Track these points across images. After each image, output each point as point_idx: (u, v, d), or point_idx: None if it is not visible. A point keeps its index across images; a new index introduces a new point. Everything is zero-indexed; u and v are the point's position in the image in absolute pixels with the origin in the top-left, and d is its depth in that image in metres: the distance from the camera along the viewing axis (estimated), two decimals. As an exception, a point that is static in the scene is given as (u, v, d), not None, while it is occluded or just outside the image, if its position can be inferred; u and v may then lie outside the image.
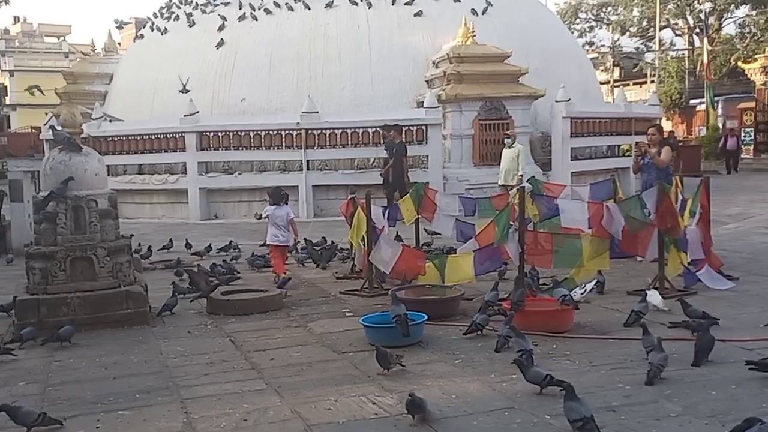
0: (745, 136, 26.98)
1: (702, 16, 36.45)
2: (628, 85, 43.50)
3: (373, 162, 15.97)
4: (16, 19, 57.41)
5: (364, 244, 8.07)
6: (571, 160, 17.21)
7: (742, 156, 25.91)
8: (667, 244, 7.37)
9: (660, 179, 8.15)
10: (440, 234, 9.94)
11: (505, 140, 14.16)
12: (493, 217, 7.57)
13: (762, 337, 5.65)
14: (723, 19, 40.51)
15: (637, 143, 10.34)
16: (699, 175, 20.16)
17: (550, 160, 17.14)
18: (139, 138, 17.26)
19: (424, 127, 15.84)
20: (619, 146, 18.52)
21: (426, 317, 6.00)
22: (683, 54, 40.30)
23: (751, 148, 27.22)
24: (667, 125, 32.24)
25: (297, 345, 6.01)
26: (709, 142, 27.19)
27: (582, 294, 6.99)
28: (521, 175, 13.25)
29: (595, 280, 7.32)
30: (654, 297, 6.60)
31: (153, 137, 17.05)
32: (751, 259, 9.24)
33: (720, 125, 29.59)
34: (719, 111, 31.63)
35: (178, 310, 7.22)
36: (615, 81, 42.62)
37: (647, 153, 9.43)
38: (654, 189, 7.33)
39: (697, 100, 34.84)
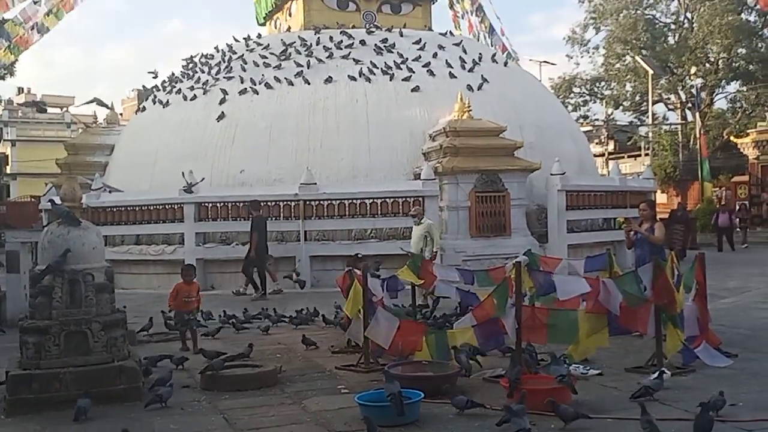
0: (739, 209, 27.13)
1: (693, 91, 37.21)
2: (623, 157, 44.12)
3: (371, 233, 16.07)
4: (21, 90, 58.39)
5: (360, 316, 8.03)
6: (568, 232, 17.30)
7: (738, 229, 25.78)
8: (665, 321, 7.35)
9: (654, 254, 8.19)
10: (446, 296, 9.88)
11: (412, 218, 13.56)
12: (491, 291, 7.57)
13: (762, 417, 5.57)
14: (714, 94, 41.38)
15: (626, 219, 10.41)
16: (696, 248, 20.36)
17: (546, 232, 17.23)
18: (137, 208, 17.37)
19: (421, 199, 15.97)
20: (614, 219, 18.65)
21: (422, 395, 5.93)
22: (676, 128, 40.97)
23: (747, 221, 27.34)
24: (661, 198, 32.51)
25: (291, 423, 5.91)
26: (704, 216, 27.36)
27: (584, 373, 6.93)
28: (436, 252, 12.97)
29: None
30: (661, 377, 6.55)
31: (152, 208, 17.17)
32: (750, 335, 9.19)
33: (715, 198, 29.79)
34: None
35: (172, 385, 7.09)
36: (609, 154, 43.18)
37: (636, 231, 9.51)
38: (650, 265, 7.36)
39: None
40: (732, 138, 35.14)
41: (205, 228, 16.56)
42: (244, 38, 22.18)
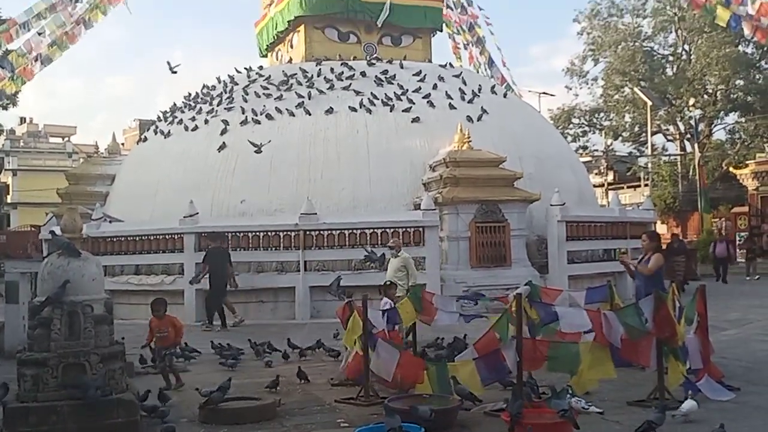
0: (739, 241, 27.10)
1: (692, 122, 37.43)
2: (622, 188, 44.21)
3: (371, 263, 16.01)
4: (23, 120, 58.77)
5: (357, 347, 7.98)
6: (568, 263, 17.27)
7: (738, 260, 25.63)
8: (666, 353, 7.30)
9: (651, 285, 8.19)
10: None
11: (390, 251, 13.15)
12: (492, 323, 7.53)
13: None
14: (713, 125, 41.60)
15: (626, 250, 10.38)
16: (697, 279, 20.31)
17: (546, 263, 17.20)
18: (137, 238, 17.36)
19: (421, 229, 16.00)
20: (615, 250, 18.61)
21: (422, 430, 5.87)
22: (676, 159, 41.13)
23: (745, 252, 27.31)
24: (661, 229, 32.51)
25: (290, 457, 5.84)
26: (705, 247, 27.35)
27: (585, 408, 6.87)
28: (411, 286, 12.65)
29: None
30: (689, 405, 6.52)
31: (152, 238, 17.15)
32: (751, 367, 9.13)
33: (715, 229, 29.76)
34: None
35: (170, 419, 7.04)
36: (609, 184, 43.27)
37: (625, 263, 9.57)
38: (650, 297, 7.34)
39: None
40: (731, 169, 35.28)
41: (204, 258, 16.52)
42: (245, 69, 22.39)
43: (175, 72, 20.45)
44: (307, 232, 16.10)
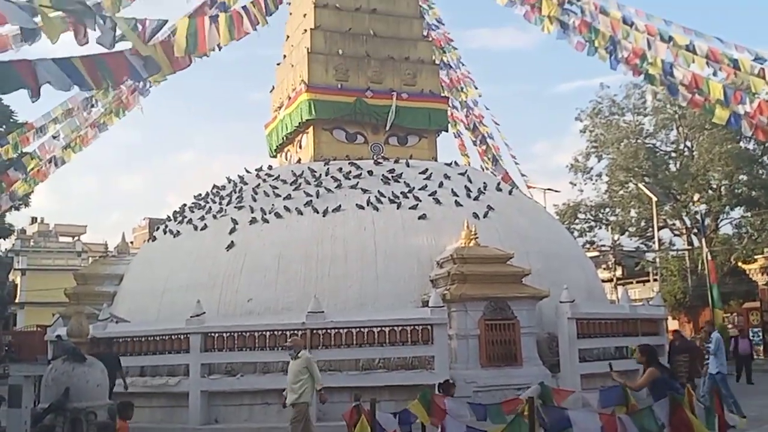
0: (753, 337, 26.65)
1: (698, 217, 37.60)
2: (632, 283, 43.97)
3: (379, 363, 15.79)
4: (34, 220, 59.52)
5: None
6: (580, 361, 16.96)
7: (755, 357, 24.93)
8: (685, 458, 7.07)
9: (655, 397, 8.06)
10: None
11: (288, 351, 12.40)
12: (504, 428, 7.34)
13: None
14: (719, 219, 41.77)
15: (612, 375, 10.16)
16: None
17: (558, 361, 16.90)
18: (143, 339, 17.23)
19: (429, 327, 15.81)
20: (627, 347, 18.32)
21: None
22: (684, 253, 41.07)
23: (761, 348, 26.83)
24: (673, 325, 32.09)
25: None
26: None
27: None
28: (321, 389, 11.97)
29: None
30: None
31: (158, 338, 17.02)
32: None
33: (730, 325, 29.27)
34: None
35: None
36: (618, 279, 43.08)
37: (614, 379, 9.46)
38: (665, 400, 7.18)
39: None
40: (740, 264, 35.14)
41: (211, 359, 16.35)
42: (255, 169, 22.82)
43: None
44: (314, 331, 15.94)
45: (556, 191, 74.45)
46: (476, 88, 29.66)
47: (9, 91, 11.86)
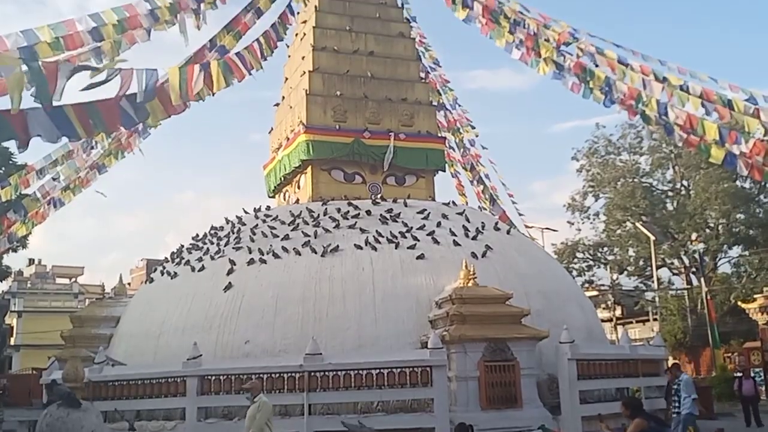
0: (755, 376, 26.40)
1: (696, 256, 37.59)
2: (631, 322, 43.85)
3: (377, 405, 15.58)
4: (31, 261, 59.34)
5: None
6: (581, 403, 16.75)
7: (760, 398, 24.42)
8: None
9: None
10: None
11: (244, 393, 12.09)
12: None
13: None
14: (717, 258, 41.76)
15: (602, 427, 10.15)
16: (713, 418, 19.43)
17: (558, 403, 16.69)
18: (140, 382, 17.02)
19: (428, 369, 15.62)
20: (628, 389, 18.12)
21: None
22: (683, 293, 40.97)
23: (762, 389, 26.55)
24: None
25: None
26: (720, 383, 26.60)
27: None
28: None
29: None
30: None
31: (154, 382, 16.82)
32: None
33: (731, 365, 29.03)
34: None
35: None
36: (617, 319, 42.90)
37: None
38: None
39: None
40: (739, 303, 35.02)
41: (207, 402, 16.14)
42: (254, 209, 22.84)
43: (105, 196, 21.28)
44: (312, 374, 15.76)
45: (554, 230, 74.39)
46: (473, 128, 29.91)
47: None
